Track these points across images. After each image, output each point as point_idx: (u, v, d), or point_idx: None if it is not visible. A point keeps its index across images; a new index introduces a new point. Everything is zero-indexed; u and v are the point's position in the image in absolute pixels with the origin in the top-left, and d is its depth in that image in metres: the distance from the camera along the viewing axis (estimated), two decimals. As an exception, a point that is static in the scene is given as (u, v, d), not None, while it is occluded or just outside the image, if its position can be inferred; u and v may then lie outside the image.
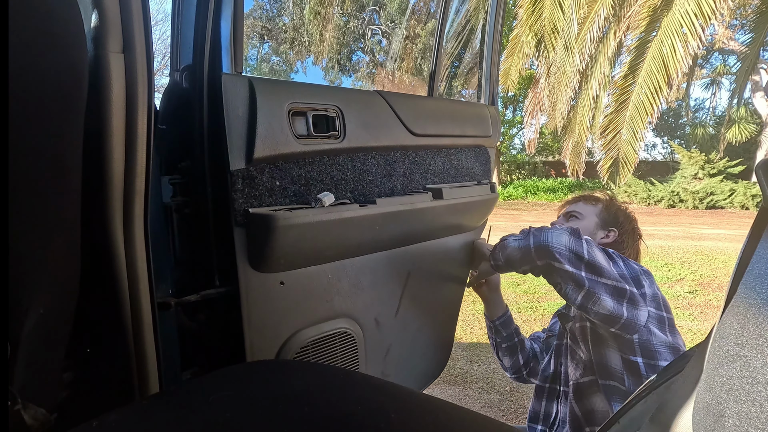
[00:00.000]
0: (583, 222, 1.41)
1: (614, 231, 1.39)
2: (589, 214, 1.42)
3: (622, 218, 1.43)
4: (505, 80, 9.32)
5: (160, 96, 0.97)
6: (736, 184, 12.00)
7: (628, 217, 1.45)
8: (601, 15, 7.61)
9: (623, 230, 1.41)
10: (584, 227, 1.39)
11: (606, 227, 1.41)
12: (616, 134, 7.19)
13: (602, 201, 1.46)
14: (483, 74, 1.58)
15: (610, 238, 1.39)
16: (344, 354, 1.14)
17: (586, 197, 1.48)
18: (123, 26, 0.64)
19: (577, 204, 1.47)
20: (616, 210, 1.44)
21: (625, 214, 1.45)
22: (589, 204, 1.45)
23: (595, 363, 1.17)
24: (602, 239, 1.39)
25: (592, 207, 1.43)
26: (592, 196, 1.48)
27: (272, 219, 0.91)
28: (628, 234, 1.42)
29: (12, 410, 0.48)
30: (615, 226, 1.41)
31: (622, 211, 1.46)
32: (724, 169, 12.62)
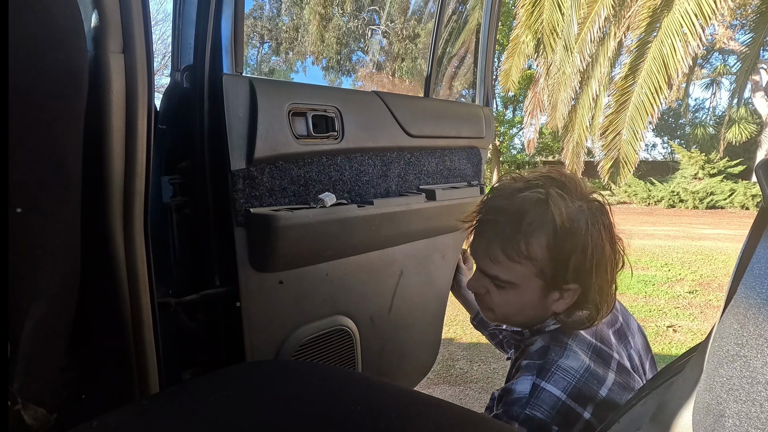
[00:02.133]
0: (517, 293, 0.85)
1: (573, 288, 0.83)
2: (521, 275, 0.83)
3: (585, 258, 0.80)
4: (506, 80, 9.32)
5: (160, 96, 0.96)
6: (736, 184, 12.00)
7: (595, 247, 0.80)
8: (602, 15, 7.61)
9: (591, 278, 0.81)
10: (520, 302, 0.86)
11: (558, 286, 0.83)
12: (616, 135, 7.19)
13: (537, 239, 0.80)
14: (478, 75, 1.60)
15: (568, 299, 0.84)
16: (341, 351, 1.15)
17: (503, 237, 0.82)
18: (123, 26, 0.64)
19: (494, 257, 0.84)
20: (568, 246, 0.79)
21: (586, 239, 0.80)
22: (514, 255, 0.81)
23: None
24: (557, 304, 0.85)
25: (520, 264, 0.82)
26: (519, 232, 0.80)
27: (274, 219, 0.91)
28: (601, 279, 0.82)
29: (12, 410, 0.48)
30: (575, 277, 0.81)
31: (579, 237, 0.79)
32: (724, 169, 12.62)
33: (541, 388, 0.80)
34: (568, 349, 0.83)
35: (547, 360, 0.84)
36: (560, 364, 0.82)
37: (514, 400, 0.81)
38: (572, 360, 0.82)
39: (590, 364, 0.82)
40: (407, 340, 1.40)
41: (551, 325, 0.89)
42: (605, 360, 0.85)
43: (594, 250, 0.81)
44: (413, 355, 1.45)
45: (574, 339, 0.86)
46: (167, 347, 0.86)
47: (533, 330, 0.91)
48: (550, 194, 0.81)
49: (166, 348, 0.82)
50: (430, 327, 1.49)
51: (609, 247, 0.83)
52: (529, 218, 0.80)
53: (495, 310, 0.91)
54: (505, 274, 0.84)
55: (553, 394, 0.79)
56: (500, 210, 0.85)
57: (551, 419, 0.77)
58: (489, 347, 3.19)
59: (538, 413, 0.78)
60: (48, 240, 0.53)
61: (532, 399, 0.79)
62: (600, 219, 0.83)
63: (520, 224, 0.81)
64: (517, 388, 0.83)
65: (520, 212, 0.81)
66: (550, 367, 0.82)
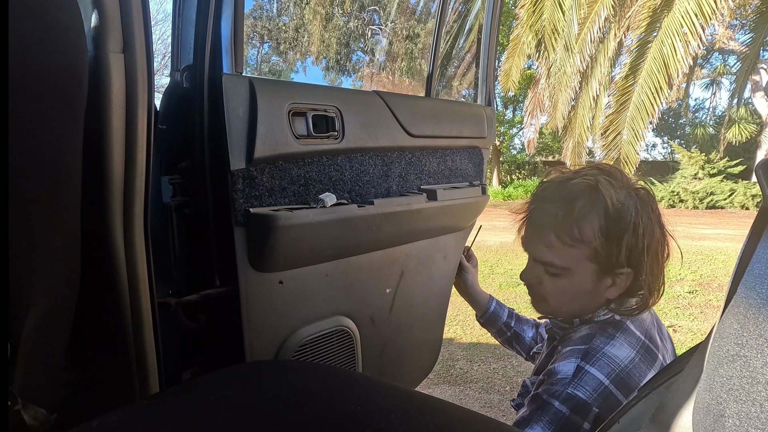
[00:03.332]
0: (571, 280, 0.86)
1: (626, 272, 0.84)
2: (575, 260, 0.84)
3: (636, 239, 0.82)
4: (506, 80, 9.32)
5: (160, 96, 0.96)
6: (736, 184, 12.00)
7: (646, 228, 0.83)
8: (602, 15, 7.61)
9: (643, 261, 0.83)
10: (574, 290, 0.87)
11: (611, 271, 0.84)
12: (617, 135, 7.19)
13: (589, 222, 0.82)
14: (479, 75, 1.60)
15: (621, 284, 0.86)
16: (342, 352, 1.15)
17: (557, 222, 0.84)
18: (123, 26, 0.64)
19: (548, 243, 0.86)
20: (620, 226, 0.82)
21: (637, 220, 0.82)
22: (567, 239, 0.83)
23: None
24: (610, 291, 0.86)
25: (574, 248, 0.84)
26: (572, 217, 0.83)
27: (274, 219, 0.91)
28: (652, 261, 0.84)
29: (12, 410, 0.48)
30: (627, 261, 0.83)
31: (630, 218, 0.82)
32: (724, 169, 12.61)
33: (585, 370, 0.81)
34: (615, 339, 0.85)
35: (592, 346, 0.85)
36: (606, 351, 0.83)
37: (557, 380, 0.83)
38: (618, 350, 0.84)
39: (636, 358, 0.83)
40: (408, 341, 1.40)
41: (602, 315, 0.89)
42: (652, 357, 0.86)
43: (645, 230, 0.83)
44: (414, 356, 1.45)
45: (623, 332, 0.87)
46: (167, 347, 0.86)
47: (583, 320, 0.91)
48: (599, 180, 0.84)
49: (166, 348, 0.82)
50: (431, 327, 1.49)
51: (659, 231, 0.86)
52: (580, 203, 0.83)
53: (548, 300, 0.92)
54: (560, 259, 0.86)
55: (596, 378, 0.80)
56: (551, 198, 0.87)
57: (592, 401, 0.78)
58: (489, 347, 3.19)
59: (581, 393, 0.79)
60: (48, 240, 0.53)
61: (575, 380, 0.81)
62: (648, 204, 0.86)
63: (572, 209, 0.83)
64: (561, 369, 0.84)
65: (571, 198, 0.84)
66: (596, 353, 0.83)
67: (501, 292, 4.49)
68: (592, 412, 0.78)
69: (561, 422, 0.79)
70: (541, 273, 0.90)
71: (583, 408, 0.78)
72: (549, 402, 0.81)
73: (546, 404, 0.82)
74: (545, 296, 0.92)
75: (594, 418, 0.78)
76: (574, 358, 0.85)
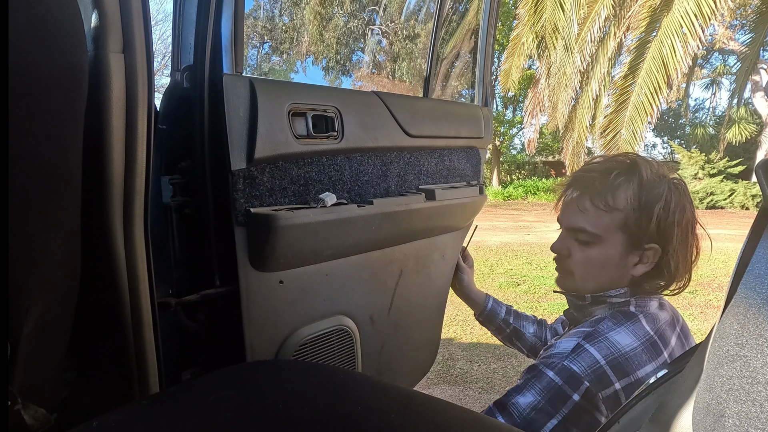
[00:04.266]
0: (600, 250, 0.88)
1: (654, 248, 0.86)
2: (606, 227, 0.87)
3: (667, 213, 0.84)
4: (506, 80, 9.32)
5: (161, 96, 0.97)
6: (736, 184, 12.00)
7: (677, 204, 0.85)
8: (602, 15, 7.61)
9: (670, 237, 0.85)
10: (602, 260, 0.89)
11: (639, 245, 0.86)
12: (615, 134, 7.19)
13: (624, 190, 0.85)
14: (477, 75, 1.60)
15: (648, 261, 0.88)
16: (341, 351, 1.15)
17: (593, 189, 0.88)
18: (123, 26, 0.64)
19: (583, 207, 0.89)
20: (652, 197, 0.84)
21: (669, 195, 0.85)
22: (601, 204, 0.86)
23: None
24: (636, 268, 0.89)
25: (607, 213, 0.86)
26: (607, 184, 0.87)
27: (274, 219, 0.91)
28: (681, 238, 0.86)
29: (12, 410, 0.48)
30: (656, 235, 0.84)
31: (663, 192, 0.85)
32: (724, 169, 12.62)
33: (584, 348, 0.84)
34: (621, 327, 0.87)
35: (597, 329, 0.87)
36: (609, 335, 0.85)
37: (555, 353, 0.86)
38: (622, 337, 0.85)
39: (638, 348, 0.85)
40: (407, 340, 1.40)
41: (616, 296, 0.91)
42: (656, 352, 0.87)
43: (676, 207, 0.86)
44: (413, 355, 1.45)
45: (633, 323, 0.88)
46: (167, 347, 0.86)
47: (596, 297, 0.93)
48: (637, 158, 0.90)
49: (166, 348, 0.82)
50: (429, 326, 1.49)
51: (690, 214, 0.89)
52: (616, 173, 0.88)
53: (575, 272, 0.94)
54: (592, 225, 0.89)
55: (593, 356, 0.83)
56: (590, 170, 0.93)
57: (585, 375, 0.81)
58: (489, 347, 3.19)
59: (575, 367, 0.82)
60: (48, 240, 0.53)
61: (572, 354, 0.84)
62: (681, 189, 0.89)
63: (608, 178, 0.88)
64: (560, 344, 0.88)
65: (609, 169, 0.89)
66: (598, 335, 0.86)
67: (501, 292, 4.49)
68: (584, 386, 0.81)
69: (552, 391, 0.82)
70: (572, 243, 0.93)
71: (576, 380, 0.81)
72: (544, 372, 0.84)
73: (541, 373, 0.85)
74: (572, 268, 0.94)
75: (584, 391, 0.81)
76: (577, 337, 0.87)
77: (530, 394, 0.84)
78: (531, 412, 0.82)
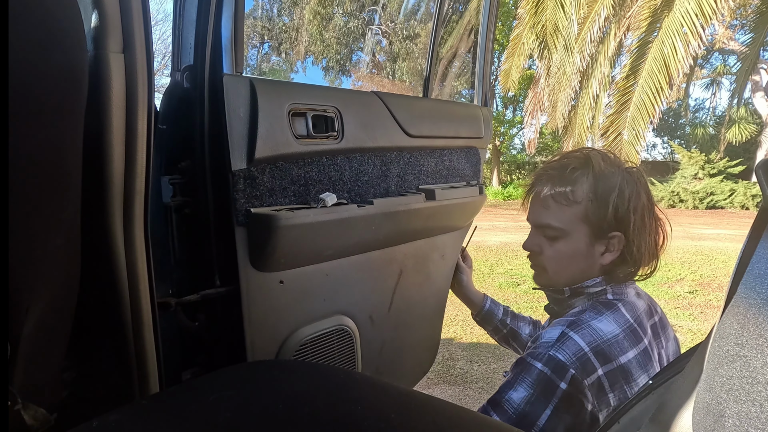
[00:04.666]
0: (567, 243, 0.93)
1: (617, 236, 0.91)
2: (569, 221, 0.92)
3: (622, 200, 0.90)
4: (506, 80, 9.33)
5: (160, 96, 0.97)
6: (736, 184, 12.00)
7: (632, 191, 0.91)
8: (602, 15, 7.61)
9: (630, 222, 0.90)
10: (570, 252, 0.93)
11: (603, 235, 0.91)
12: (617, 135, 7.18)
13: (580, 184, 0.91)
14: (476, 75, 1.60)
15: (614, 249, 0.92)
16: (341, 351, 1.15)
17: (553, 185, 0.94)
18: (123, 26, 0.64)
19: (546, 204, 0.95)
20: (607, 187, 0.90)
21: (623, 184, 0.91)
22: (562, 199, 0.92)
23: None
24: (604, 257, 0.93)
25: (569, 207, 0.92)
26: (565, 179, 0.92)
27: (275, 219, 0.91)
28: (639, 224, 0.91)
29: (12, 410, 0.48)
30: (615, 223, 0.90)
31: (617, 181, 0.91)
32: (724, 169, 12.62)
33: (568, 336, 0.87)
34: (603, 315, 0.91)
35: (580, 318, 0.91)
36: (591, 323, 0.89)
37: (541, 344, 0.89)
38: (604, 324, 0.89)
39: (620, 335, 0.88)
40: (407, 339, 1.40)
41: (592, 286, 0.95)
42: (636, 339, 0.90)
43: (631, 195, 0.91)
44: (413, 355, 1.45)
45: (613, 312, 0.92)
46: (167, 347, 0.86)
47: (574, 289, 0.97)
48: (591, 152, 0.96)
49: (166, 348, 0.82)
50: (429, 326, 1.50)
51: (646, 199, 0.93)
52: (572, 168, 0.93)
53: (547, 268, 0.99)
54: (556, 220, 0.94)
55: (577, 343, 0.86)
56: (549, 167, 0.98)
57: (570, 363, 0.84)
58: (489, 347, 3.19)
59: (561, 356, 0.85)
60: (48, 240, 0.53)
61: (557, 343, 0.86)
62: (636, 177, 0.94)
63: (565, 173, 0.93)
64: (545, 335, 0.90)
65: (565, 165, 0.95)
66: (581, 323, 0.89)
67: (501, 292, 4.49)
68: (569, 373, 0.83)
69: (543, 382, 0.84)
70: (541, 240, 0.98)
71: (562, 369, 0.84)
72: (531, 364, 0.86)
73: (529, 366, 0.87)
74: (544, 264, 0.99)
75: (570, 378, 0.83)
76: (561, 326, 0.90)
77: (522, 388, 0.85)
78: (525, 406, 0.84)
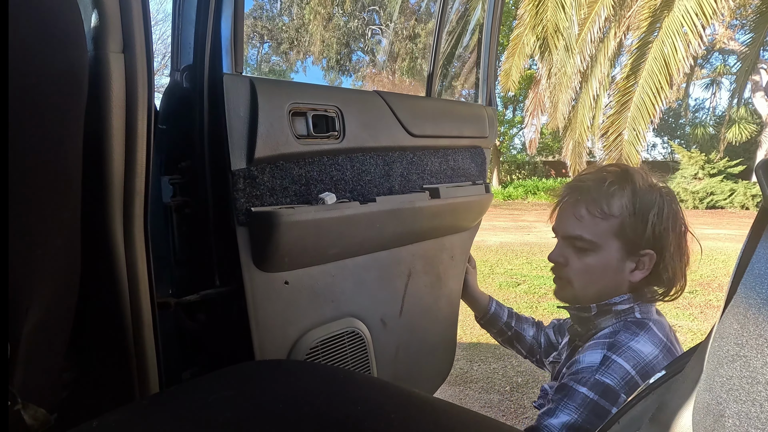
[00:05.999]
0: (597, 257, 0.90)
1: (649, 254, 0.88)
2: (602, 234, 0.89)
3: (660, 219, 0.88)
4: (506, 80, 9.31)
5: (160, 96, 0.96)
6: (736, 184, 12.00)
7: (670, 211, 0.89)
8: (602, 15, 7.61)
9: (665, 242, 0.88)
10: (600, 267, 0.90)
11: (635, 251, 0.89)
12: (618, 135, 7.18)
13: (619, 198, 0.88)
14: (480, 75, 1.59)
15: (644, 267, 0.90)
16: (354, 355, 1.13)
17: (588, 197, 0.91)
18: (123, 26, 0.64)
19: (579, 215, 0.91)
20: (646, 203, 0.87)
21: (662, 202, 0.89)
22: (597, 211, 0.89)
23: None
24: (634, 275, 0.90)
25: (604, 220, 0.88)
26: (602, 191, 0.89)
27: (275, 216, 0.91)
28: (675, 244, 0.89)
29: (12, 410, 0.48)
30: (652, 240, 0.87)
31: (655, 199, 0.88)
32: (724, 169, 12.62)
33: (612, 359, 0.83)
34: (639, 336, 0.88)
35: (617, 339, 0.87)
36: (631, 345, 0.86)
37: (584, 368, 0.85)
38: (643, 345, 0.86)
39: (660, 355, 0.86)
40: (422, 343, 1.37)
41: (620, 303, 0.92)
42: (672, 356, 0.88)
43: (669, 213, 0.89)
44: (430, 359, 1.42)
45: (647, 332, 0.89)
46: (167, 347, 0.86)
47: (601, 306, 0.93)
48: (629, 167, 0.93)
49: (166, 348, 0.82)
50: (444, 329, 1.47)
51: (681, 222, 0.92)
52: (610, 181, 0.90)
53: (573, 281, 0.95)
54: (588, 232, 0.90)
55: (623, 367, 0.82)
56: (585, 179, 0.95)
57: (620, 388, 0.80)
58: (489, 347, 3.19)
59: (608, 380, 0.81)
60: (48, 240, 0.53)
61: (602, 367, 0.83)
62: (671, 196, 0.92)
63: (603, 186, 0.90)
64: (585, 359, 0.86)
65: (603, 178, 0.91)
66: (621, 345, 0.86)
67: (501, 292, 4.49)
68: (621, 398, 0.80)
69: (589, 407, 0.80)
70: (569, 252, 0.94)
71: (612, 393, 0.80)
72: (575, 389, 0.82)
73: (573, 391, 0.83)
74: (570, 278, 0.95)
75: (623, 403, 0.78)
76: (600, 349, 0.86)
77: (564, 414, 0.81)
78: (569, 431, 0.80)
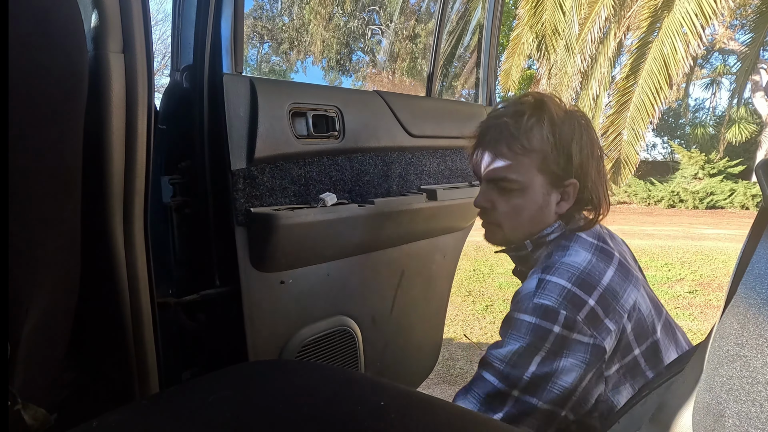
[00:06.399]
0: (524, 196, 0.89)
1: (573, 183, 0.88)
2: (526, 171, 0.88)
3: (581, 148, 0.87)
4: (506, 80, 9.32)
5: (160, 96, 0.97)
6: (736, 184, 11.99)
7: (588, 137, 0.89)
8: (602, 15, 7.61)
9: (587, 169, 0.88)
10: (528, 206, 0.89)
11: (559, 183, 0.89)
12: (617, 135, 7.18)
13: (538, 130, 0.86)
14: (480, 75, 1.60)
15: (569, 198, 0.90)
16: (344, 352, 1.15)
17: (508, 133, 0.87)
18: (123, 26, 0.64)
19: (500, 154, 0.88)
20: (566, 134, 0.87)
21: (580, 130, 0.88)
22: (518, 148, 0.87)
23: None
24: (560, 206, 0.90)
25: (525, 156, 0.87)
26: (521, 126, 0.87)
27: (275, 218, 0.91)
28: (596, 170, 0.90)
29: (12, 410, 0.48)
30: (574, 170, 0.87)
31: (574, 127, 0.88)
32: (724, 169, 12.61)
33: (546, 280, 0.84)
34: (570, 249, 0.88)
35: (550, 261, 0.88)
36: (563, 261, 0.86)
37: (522, 297, 0.85)
38: (575, 256, 0.86)
39: (593, 259, 0.86)
40: (409, 341, 1.40)
41: (552, 233, 0.92)
42: (608, 256, 0.88)
43: (587, 140, 0.89)
44: (415, 356, 1.45)
45: (576, 241, 0.89)
46: (167, 347, 0.86)
47: (535, 241, 0.93)
48: (544, 97, 0.90)
49: (166, 348, 0.82)
50: (431, 327, 1.49)
51: (598, 144, 0.92)
52: (528, 115, 0.88)
53: (502, 224, 0.94)
54: (512, 171, 0.89)
55: (558, 284, 0.82)
56: (501, 115, 0.92)
57: (558, 305, 0.80)
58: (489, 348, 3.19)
59: (546, 300, 0.81)
60: (48, 240, 0.53)
61: (538, 290, 0.83)
62: (587, 121, 0.91)
63: (521, 121, 0.87)
64: (524, 288, 0.87)
65: (520, 112, 0.89)
66: (554, 264, 0.86)
67: (501, 292, 4.49)
68: (561, 315, 0.80)
69: (532, 331, 0.81)
70: (494, 194, 0.93)
71: (552, 313, 0.80)
72: (517, 317, 0.83)
73: (515, 320, 0.84)
74: (499, 220, 0.94)
75: (563, 319, 0.79)
76: (536, 275, 0.87)
77: (510, 342, 0.82)
78: (513, 357, 0.81)
